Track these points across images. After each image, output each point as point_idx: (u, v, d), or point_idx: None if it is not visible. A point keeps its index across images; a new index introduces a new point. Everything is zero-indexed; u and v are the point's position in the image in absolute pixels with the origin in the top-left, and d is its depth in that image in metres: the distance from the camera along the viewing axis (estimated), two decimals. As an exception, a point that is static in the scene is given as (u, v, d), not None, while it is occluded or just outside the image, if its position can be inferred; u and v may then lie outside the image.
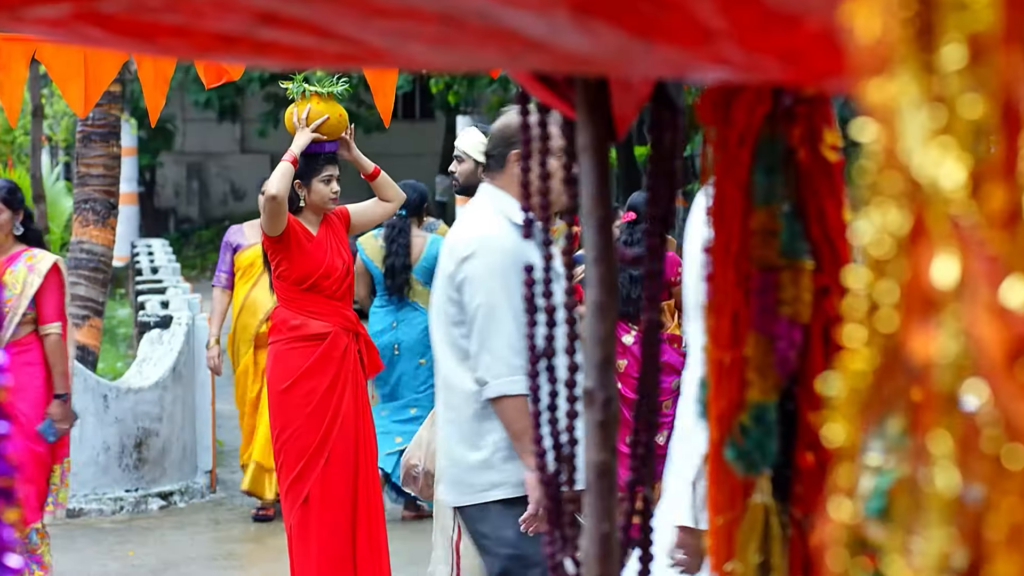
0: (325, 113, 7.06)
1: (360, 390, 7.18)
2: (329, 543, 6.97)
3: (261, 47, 1.60)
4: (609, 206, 2.19)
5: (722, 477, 2.08)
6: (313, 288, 7.10)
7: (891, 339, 0.99)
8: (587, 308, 2.18)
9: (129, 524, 9.82)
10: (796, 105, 2.05)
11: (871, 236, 0.99)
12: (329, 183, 7.19)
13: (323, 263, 7.10)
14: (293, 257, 7.09)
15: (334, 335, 7.09)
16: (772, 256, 2.04)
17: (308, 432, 7.01)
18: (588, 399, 2.18)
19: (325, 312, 7.13)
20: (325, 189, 7.18)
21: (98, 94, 5.66)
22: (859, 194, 1.02)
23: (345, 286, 7.18)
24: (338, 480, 7.01)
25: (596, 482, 2.19)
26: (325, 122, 7.07)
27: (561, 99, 2.09)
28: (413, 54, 1.62)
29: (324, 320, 7.11)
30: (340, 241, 7.22)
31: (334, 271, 7.12)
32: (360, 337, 7.23)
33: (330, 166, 7.19)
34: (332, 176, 7.20)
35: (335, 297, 7.14)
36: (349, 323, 7.19)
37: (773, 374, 2.04)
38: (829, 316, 2.06)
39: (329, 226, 7.20)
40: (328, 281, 7.12)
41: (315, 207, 7.20)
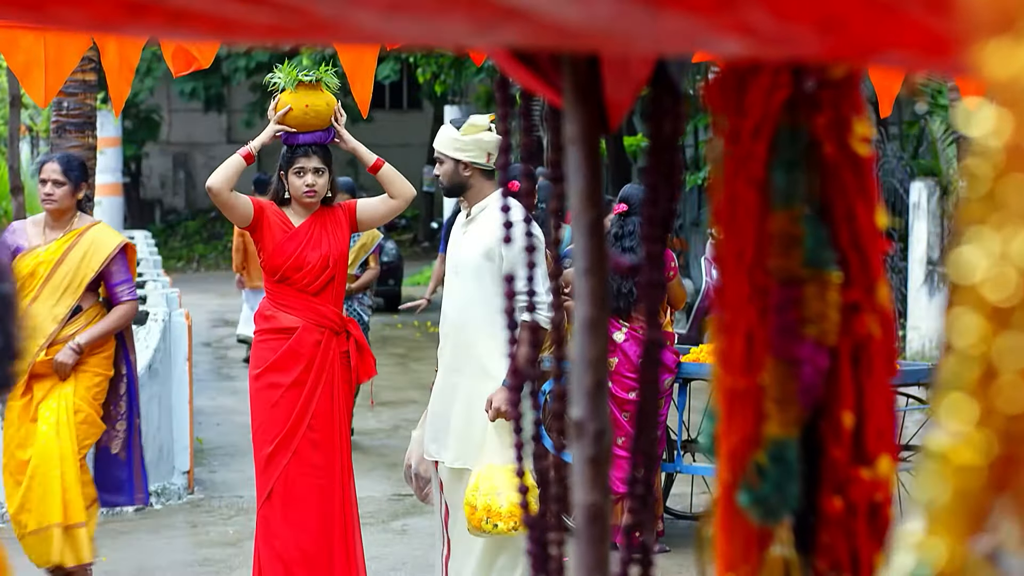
0: (288, 104, 6.84)
1: (339, 391, 6.94)
2: (293, 542, 6.82)
3: (174, 17, 1.30)
4: (601, 206, 1.90)
5: (734, 525, 1.79)
6: (284, 281, 6.94)
7: (1018, 421, 0.69)
8: (576, 325, 1.88)
9: (103, 527, 9.50)
10: (821, 90, 1.76)
11: (986, 270, 0.69)
12: (301, 175, 6.95)
13: (293, 256, 6.90)
14: (267, 248, 6.97)
15: (303, 331, 6.91)
16: (793, 267, 1.75)
17: (272, 426, 6.89)
18: (578, 431, 1.88)
19: (295, 306, 6.95)
20: (298, 182, 6.95)
21: (59, 83, 5.38)
22: (966, 210, 0.72)
23: (323, 281, 6.94)
24: (305, 479, 6.86)
25: (587, 528, 1.90)
26: (288, 113, 6.85)
27: (546, 83, 1.79)
28: (361, 24, 1.31)
29: (294, 314, 6.94)
30: (330, 235, 6.98)
31: (305, 264, 6.90)
32: (350, 337, 7.00)
33: (303, 158, 6.95)
34: (304, 168, 6.95)
35: (308, 291, 6.94)
36: (325, 319, 6.96)
37: (795, 405, 1.75)
38: (860, 337, 1.77)
39: (322, 219, 6.99)
40: (299, 274, 6.92)
41: (298, 199, 7.00)
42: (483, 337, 6.38)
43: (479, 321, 6.38)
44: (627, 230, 8.36)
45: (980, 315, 0.69)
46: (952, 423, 0.72)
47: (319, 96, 6.85)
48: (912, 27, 1.06)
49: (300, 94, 6.83)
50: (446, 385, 6.52)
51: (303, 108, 6.83)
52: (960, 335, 0.71)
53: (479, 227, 6.46)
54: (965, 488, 0.71)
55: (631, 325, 8.26)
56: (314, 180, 6.93)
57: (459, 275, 6.50)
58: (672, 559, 8.04)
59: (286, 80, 6.84)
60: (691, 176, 18.91)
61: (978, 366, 0.70)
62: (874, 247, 1.78)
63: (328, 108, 6.87)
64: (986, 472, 0.71)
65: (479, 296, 6.38)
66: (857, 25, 1.13)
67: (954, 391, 0.71)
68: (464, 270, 6.47)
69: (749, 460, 1.76)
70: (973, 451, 0.71)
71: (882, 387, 1.80)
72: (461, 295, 6.47)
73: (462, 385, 6.43)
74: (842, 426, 1.78)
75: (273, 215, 6.96)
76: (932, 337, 15.47)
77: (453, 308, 6.54)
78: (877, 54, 1.20)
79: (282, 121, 6.88)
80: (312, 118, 6.86)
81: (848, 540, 1.78)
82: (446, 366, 6.54)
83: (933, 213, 15.90)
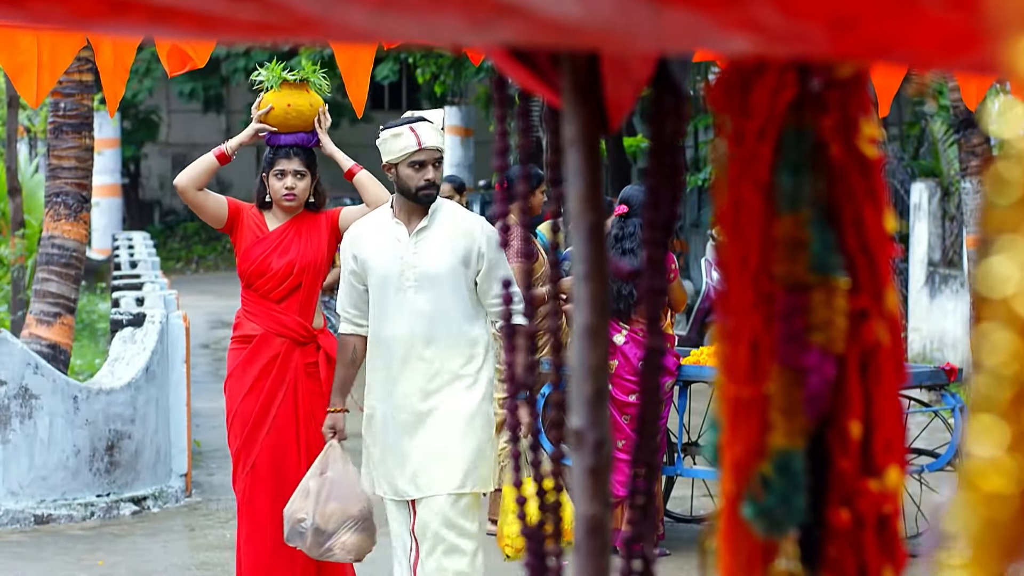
0: (270, 102, 6.62)
1: (303, 402, 6.61)
2: (254, 555, 6.60)
3: (157, 14, 1.25)
4: (601, 209, 1.84)
5: (738, 538, 1.74)
6: (249, 286, 6.71)
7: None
8: (575, 333, 1.83)
9: (99, 531, 9.49)
10: (827, 90, 1.70)
11: (1019, 283, 0.63)
12: (281, 178, 6.69)
13: (257, 261, 6.67)
14: (238, 252, 6.76)
15: (260, 339, 6.65)
16: (799, 272, 1.69)
17: (232, 435, 6.70)
18: (578, 441, 1.83)
19: (257, 313, 6.70)
20: (277, 185, 6.69)
21: (52, 84, 5.30)
22: (995, 217, 0.66)
23: (286, 289, 6.67)
24: (265, 492, 6.58)
25: (586, 540, 1.85)
26: (269, 112, 6.63)
27: (544, 83, 1.74)
28: (350, 22, 1.26)
29: (255, 322, 6.69)
30: (303, 242, 6.69)
31: (268, 270, 6.64)
32: (319, 349, 6.67)
33: (283, 160, 6.69)
34: (284, 171, 6.68)
35: (270, 298, 6.66)
36: (285, 329, 6.65)
37: (801, 415, 1.70)
38: (868, 345, 1.71)
39: (299, 225, 6.72)
40: (262, 280, 6.66)
41: (277, 203, 6.74)
42: (459, 350, 6.03)
43: (454, 335, 6.03)
44: (628, 231, 8.30)
45: (1012, 331, 0.64)
46: (982, 447, 0.66)
47: (303, 96, 6.64)
48: (930, 23, 1.01)
49: (283, 93, 6.62)
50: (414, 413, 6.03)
51: (284, 108, 6.62)
52: (990, 353, 0.66)
53: (440, 232, 6.08)
54: (996, 516, 0.66)
55: (631, 327, 8.19)
56: (294, 183, 6.67)
57: (422, 288, 6.02)
58: (672, 562, 7.99)
59: (270, 78, 6.63)
60: (691, 177, 18.87)
61: (1010, 386, 0.65)
62: (882, 252, 1.73)
63: (311, 109, 6.64)
64: (1019, 500, 0.66)
65: (454, 307, 6.03)
66: (871, 22, 1.07)
67: (984, 413, 0.66)
68: (432, 280, 6.03)
69: (754, 471, 1.71)
70: (1004, 478, 0.65)
71: (891, 396, 1.74)
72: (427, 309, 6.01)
73: (444, 407, 6.01)
74: (849, 436, 1.72)
75: (250, 218, 6.73)
76: (933, 339, 15.43)
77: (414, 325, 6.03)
78: (891, 52, 1.14)
79: (263, 121, 6.67)
80: (294, 119, 6.64)
81: (856, 553, 1.73)
82: (406, 393, 6.03)
83: (934, 214, 15.85)
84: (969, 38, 0.90)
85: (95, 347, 16.64)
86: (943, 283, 15.56)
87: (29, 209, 16.92)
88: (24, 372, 9.63)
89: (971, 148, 12.53)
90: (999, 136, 0.68)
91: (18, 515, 9.60)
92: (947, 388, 8.73)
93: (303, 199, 6.72)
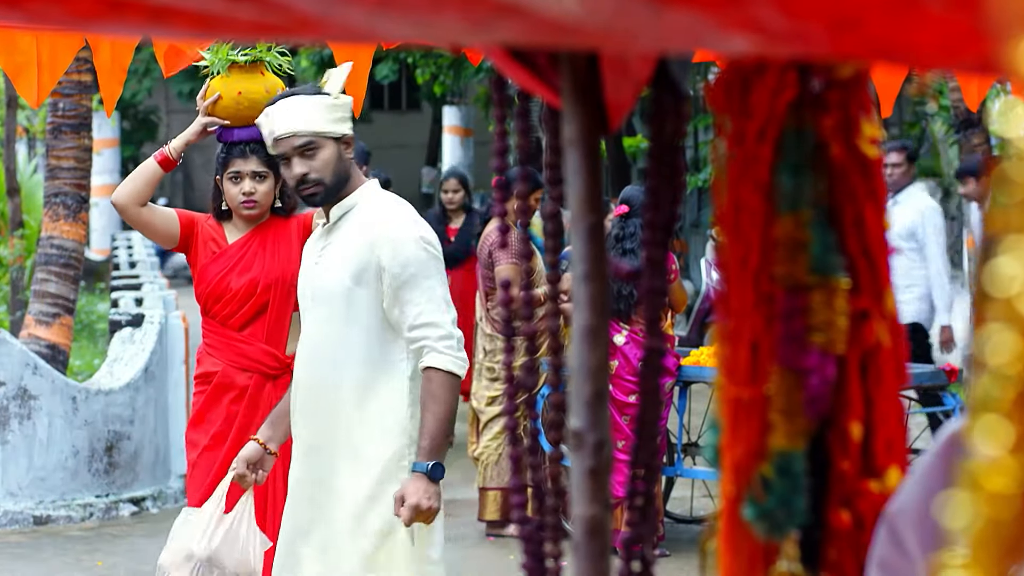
0: (217, 91, 5.52)
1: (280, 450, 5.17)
2: None
3: (156, 14, 1.24)
4: (600, 210, 1.83)
5: (739, 540, 1.73)
6: (207, 313, 5.55)
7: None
8: (575, 334, 1.82)
9: (98, 532, 9.48)
10: (828, 90, 1.70)
11: (1022, 283, 0.63)
12: (237, 182, 5.52)
13: (213, 282, 5.51)
14: (194, 272, 5.62)
15: (221, 377, 5.45)
16: (800, 273, 1.69)
17: (189, 490, 5.54)
18: (577, 442, 1.82)
19: (217, 345, 5.51)
20: (233, 189, 5.52)
21: (52, 84, 5.27)
22: (999, 217, 0.66)
23: (248, 313, 5.49)
24: None
25: (586, 542, 1.84)
26: (218, 102, 5.52)
27: (543, 83, 1.73)
28: (349, 22, 1.26)
29: (215, 356, 5.50)
30: (268, 255, 5.53)
31: (226, 292, 5.47)
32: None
33: (239, 160, 5.51)
34: (240, 173, 5.51)
35: (230, 326, 5.48)
36: (251, 362, 5.47)
37: (801, 416, 1.69)
38: (868, 346, 1.71)
39: (264, 235, 5.57)
40: (219, 305, 5.50)
41: (235, 211, 5.57)
42: (362, 396, 4.48)
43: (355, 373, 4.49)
44: (628, 232, 8.27)
45: (1016, 331, 0.63)
46: (985, 447, 0.66)
47: (256, 81, 5.51)
48: (931, 23, 1.00)
49: (233, 79, 5.49)
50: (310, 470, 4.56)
51: (235, 96, 5.49)
52: (994, 353, 0.65)
53: (344, 237, 4.56)
54: (998, 516, 0.65)
55: (632, 328, 8.18)
56: (253, 187, 5.50)
57: (317, 306, 4.59)
58: (672, 563, 7.98)
59: (215, 62, 5.50)
60: (691, 177, 18.87)
61: (1014, 386, 0.64)
62: (883, 252, 1.73)
63: (267, 96, 5.32)
64: (1021, 500, 0.65)
65: (350, 335, 4.50)
66: (871, 22, 1.07)
67: (987, 413, 0.66)
68: (325, 298, 4.56)
69: (754, 473, 1.71)
70: (1007, 478, 0.65)
71: (891, 397, 1.74)
72: (321, 334, 4.58)
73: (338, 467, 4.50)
74: (850, 437, 1.72)
75: (206, 231, 5.58)
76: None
77: (310, 356, 4.60)
78: (892, 52, 1.14)
79: (212, 112, 5.54)
80: (247, 109, 5.44)
81: (856, 555, 1.72)
82: (306, 444, 4.58)
83: (934, 214, 15.84)
84: (970, 38, 0.89)
85: (94, 347, 16.63)
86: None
87: (28, 209, 16.92)
88: (23, 373, 9.62)
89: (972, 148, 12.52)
90: (1003, 136, 0.67)
91: (17, 516, 9.59)
92: (947, 388, 8.73)
93: (266, 204, 5.56)
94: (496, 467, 8.83)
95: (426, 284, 4.46)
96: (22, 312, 13.48)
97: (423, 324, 4.45)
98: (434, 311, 4.47)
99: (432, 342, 4.45)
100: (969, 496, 0.67)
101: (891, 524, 1.53)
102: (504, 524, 8.77)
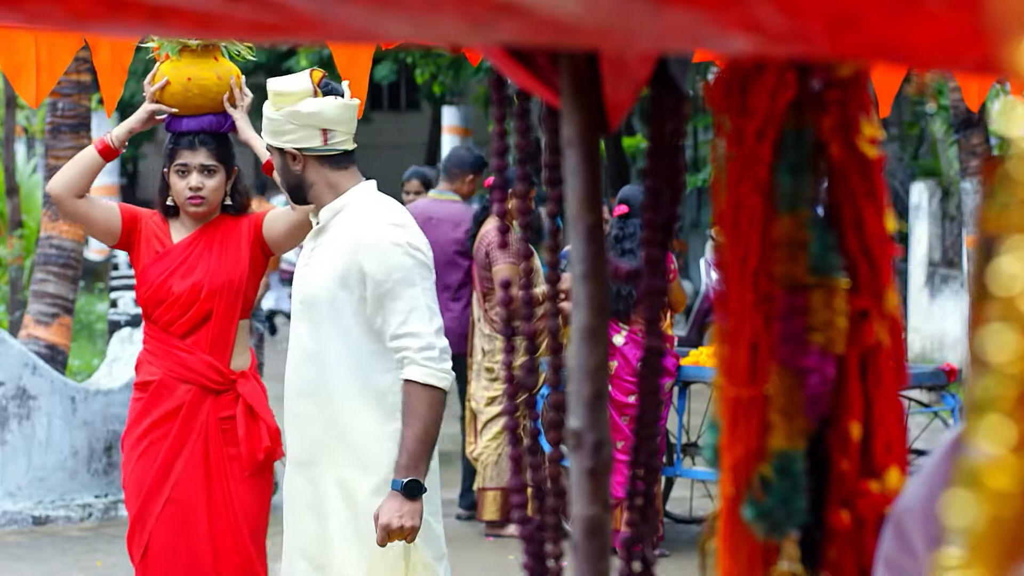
0: (165, 75, 5.07)
1: (216, 469, 4.98)
2: None
3: (155, 14, 1.24)
4: (599, 210, 1.83)
5: (738, 540, 1.73)
6: (148, 318, 5.09)
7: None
8: (573, 333, 1.82)
9: (97, 532, 9.46)
10: (827, 90, 1.70)
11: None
12: (184, 175, 5.06)
13: (154, 285, 5.06)
14: (137, 273, 5.17)
15: (159, 386, 5.00)
16: (799, 273, 1.69)
17: (127, 505, 5.16)
18: (576, 442, 1.82)
19: (156, 352, 5.06)
20: (180, 184, 5.05)
21: (51, 84, 5.25)
22: (1002, 216, 0.66)
23: (191, 320, 5.04)
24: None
25: (585, 542, 1.84)
26: (165, 88, 5.08)
27: (543, 83, 1.73)
28: (348, 21, 1.26)
29: (154, 364, 5.05)
30: (215, 257, 5.08)
31: (168, 296, 5.02)
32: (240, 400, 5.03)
33: (186, 152, 5.07)
34: (187, 166, 5.06)
35: (172, 333, 5.03)
36: (191, 373, 5.02)
37: (801, 416, 1.69)
38: (868, 346, 1.71)
39: (211, 235, 5.12)
40: (160, 310, 5.05)
41: (181, 207, 5.11)
42: (351, 407, 4.39)
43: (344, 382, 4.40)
44: (627, 232, 8.25)
45: (1017, 330, 0.63)
46: (987, 446, 0.66)
47: (208, 66, 5.07)
48: (931, 23, 1.00)
49: (183, 63, 5.06)
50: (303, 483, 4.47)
51: (183, 82, 5.06)
52: (995, 352, 0.65)
53: (331, 240, 4.45)
54: (1000, 515, 0.65)
55: (631, 328, 8.17)
56: (200, 182, 5.04)
57: (309, 314, 4.48)
58: (672, 564, 7.98)
59: (164, 44, 5.10)
60: (691, 177, 18.87)
61: (1015, 385, 0.64)
62: (883, 252, 1.73)
63: (220, 83, 5.06)
64: (1022, 499, 0.65)
65: (339, 347, 4.40)
66: (871, 22, 1.07)
67: (989, 412, 0.66)
68: (313, 303, 4.45)
69: (754, 473, 1.71)
70: (1008, 477, 0.65)
71: (891, 397, 1.74)
72: (309, 346, 4.46)
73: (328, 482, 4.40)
74: (850, 437, 1.72)
75: (150, 229, 5.13)
76: (933, 339, 15.43)
77: (299, 363, 4.48)
78: (892, 52, 1.14)
79: (159, 99, 5.09)
80: (196, 96, 5.07)
81: (856, 555, 1.72)
82: (297, 455, 4.49)
83: (934, 214, 15.85)
84: (970, 38, 0.89)
85: (93, 347, 16.62)
86: (943, 283, 15.55)
87: (27, 209, 16.91)
88: (22, 373, 9.62)
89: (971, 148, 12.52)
90: (1005, 135, 0.67)
91: (16, 516, 9.59)
92: (947, 389, 8.73)
93: (215, 201, 5.10)
94: (495, 467, 8.83)
95: (410, 292, 4.33)
96: (21, 312, 13.47)
97: (404, 334, 4.30)
98: (417, 320, 4.31)
99: (412, 353, 4.29)
100: (971, 495, 0.67)
101: (898, 522, 1.53)
102: (503, 524, 8.77)
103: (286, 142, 4.47)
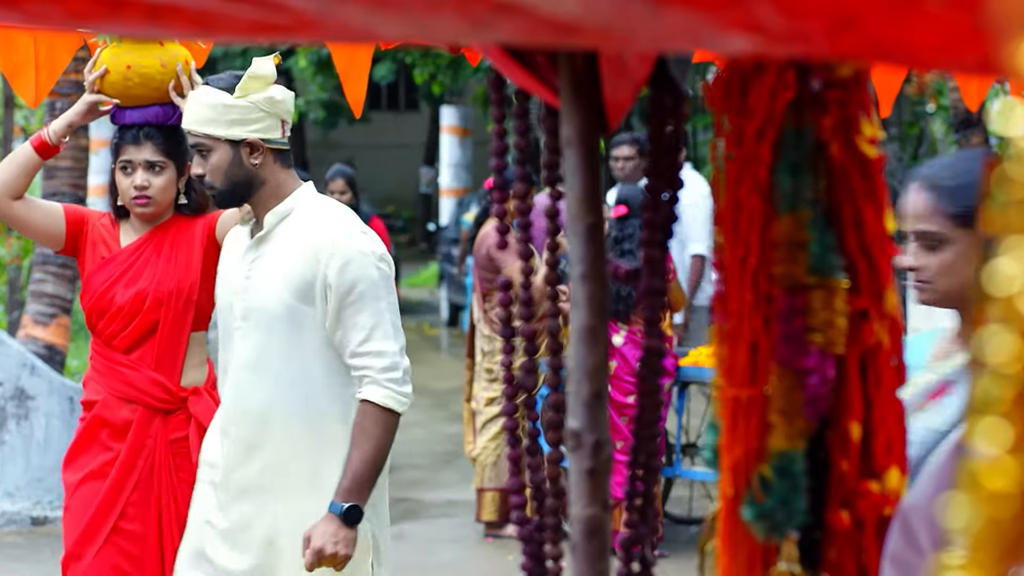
0: (104, 63, 4.57)
1: (167, 496, 4.54)
2: None
3: (154, 13, 1.24)
4: (599, 211, 1.83)
5: (738, 541, 1.73)
6: (93, 330, 4.63)
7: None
8: (573, 334, 1.82)
9: (97, 532, 9.47)
10: (827, 90, 1.70)
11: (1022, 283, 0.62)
12: (128, 173, 4.59)
13: (97, 294, 4.60)
14: (82, 281, 4.73)
15: (103, 407, 4.56)
16: (799, 273, 1.69)
17: (65, 536, 4.62)
18: (575, 442, 1.82)
19: (100, 370, 4.60)
20: (124, 182, 4.58)
21: (51, 84, 5.24)
22: (1000, 217, 0.65)
23: (135, 333, 4.58)
24: None
25: (584, 542, 1.84)
26: (105, 77, 4.57)
27: (542, 83, 1.73)
28: (347, 21, 1.26)
29: (97, 381, 4.60)
30: (163, 263, 4.61)
31: (111, 306, 4.56)
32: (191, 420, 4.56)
33: (131, 147, 4.59)
34: (132, 162, 4.58)
35: (116, 347, 4.58)
36: (136, 391, 4.56)
37: (801, 417, 1.69)
38: (868, 346, 1.71)
39: (161, 238, 4.64)
40: (104, 321, 4.59)
41: (128, 207, 4.63)
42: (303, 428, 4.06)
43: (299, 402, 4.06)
44: (627, 233, 8.24)
45: (1016, 331, 0.63)
46: (985, 447, 0.66)
47: (150, 53, 4.57)
48: (930, 23, 1.00)
49: (124, 50, 4.57)
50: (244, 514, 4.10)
51: (123, 71, 4.56)
52: (994, 353, 0.65)
53: (280, 248, 4.07)
54: (998, 516, 0.65)
55: (630, 328, 8.16)
56: (146, 180, 4.57)
57: (249, 327, 4.11)
58: (671, 564, 7.98)
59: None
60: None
61: (1013, 386, 0.64)
62: (883, 252, 1.73)
63: (164, 71, 4.56)
64: (1021, 500, 0.65)
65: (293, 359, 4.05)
66: (871, 22, 1.06)
67: (987, 413, 0.65)
68: (260, 318, 4.08)
69: (754, 473, 1.70)
70: (1006, 478, 0.65)
71: (891, 397, 1.74)
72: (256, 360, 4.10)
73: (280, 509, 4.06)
74: (850, 438, 1.72)
75: (98, 232, 4.68)
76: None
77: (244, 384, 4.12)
78: (891, 52, 1.13)
79: (100, 89, 4.59)
80: (138, 86, 4.57)
81: (856, 556, 1.72)
82: (238, 484, 4.10)
83: (932, 214, 15.83)
84: (970, 38, 0.89)
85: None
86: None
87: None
88: (20, 373, 9.62)
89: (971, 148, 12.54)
90: (1004, 135, 0.67)
91: (14, 516, 9.59)
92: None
93: (164, 201, 4.62)
94: (494, 468, 8.82)
95: (375, 307, 4.00)
96: (19, 312, 13.48)
97: (367, 352, 3.97)
98: (381, 338, 3.99)
99: (375, 373, 3.96)
100: (969, 496, 0.67)
101: (904, 519, 1.53)
102: (502, 525, 8.77)
103: (252, 131, 4.09)
